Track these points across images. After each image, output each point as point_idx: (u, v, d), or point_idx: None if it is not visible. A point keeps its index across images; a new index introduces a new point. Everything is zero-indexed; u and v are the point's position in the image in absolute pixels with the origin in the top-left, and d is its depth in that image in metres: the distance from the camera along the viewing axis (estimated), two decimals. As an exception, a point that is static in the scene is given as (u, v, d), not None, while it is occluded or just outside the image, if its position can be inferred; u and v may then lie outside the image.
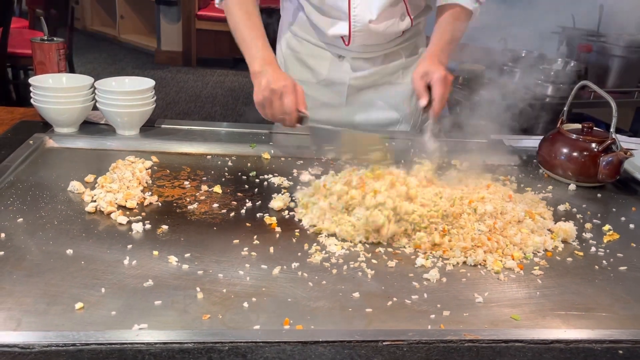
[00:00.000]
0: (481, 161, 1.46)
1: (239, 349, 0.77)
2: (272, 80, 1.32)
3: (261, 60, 1.38)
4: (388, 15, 1.52)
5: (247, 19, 1.44)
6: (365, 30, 1.52)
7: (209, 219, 1.13)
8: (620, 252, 1.13)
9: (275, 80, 1.32)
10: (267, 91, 1.32)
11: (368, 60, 1.63)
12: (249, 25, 1.44)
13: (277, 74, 1.35)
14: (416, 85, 1.42)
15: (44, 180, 1.23)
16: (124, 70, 6.15)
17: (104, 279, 0.91)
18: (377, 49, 1.61)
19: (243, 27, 1.44)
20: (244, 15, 1.44)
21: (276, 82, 1.32)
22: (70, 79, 1.52)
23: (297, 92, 1.33)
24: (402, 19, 1.56)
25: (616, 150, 1.38)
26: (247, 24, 1.44)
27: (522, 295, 0.97)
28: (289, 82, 1.33)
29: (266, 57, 1.39)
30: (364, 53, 1.61)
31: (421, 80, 1.41)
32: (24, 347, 0.75)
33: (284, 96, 1.32)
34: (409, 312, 0.90)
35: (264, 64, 1.37)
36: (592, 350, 0.84)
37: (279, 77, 1.34)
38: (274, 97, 1.32)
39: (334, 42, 1.60)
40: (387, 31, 1.55)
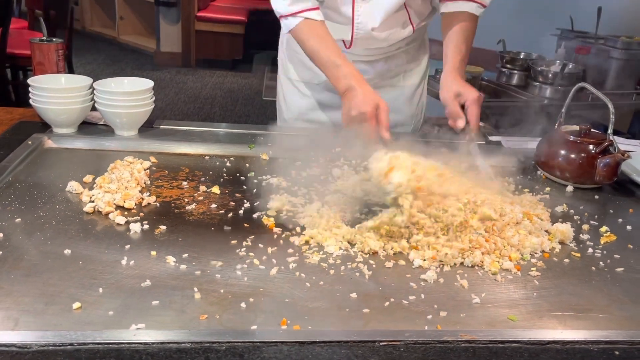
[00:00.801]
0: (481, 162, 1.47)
1: (236, 349, 0.78)
2: (354, 105, 1.34)
3: (345, 79, 1.39)
4: (391, 24, 1.54)
5: (321, 42, 1.45)
6: (367, 37, 1.53)
7: (207, 220, 1.13)
8: (617, 254, 1.13)
9: (356, 106, 1.33)
10: (349, 118, 1.35)
11: (369, 63, 1.63)
12: (324, 47, 1.44)
13: (363, 95, 1.35)
14: (452, 107, 1.45)
15: (43, 180, 1.23)
16: (123, 71, 6.15)
17: (101, 279, 0.91)
18: (378, 52, 1.62)
19: (320, 50, 1.44)
20: (317, 40, 1.45)
21: (357, 107, 1.33)
22: (69, 80, 1.52)
23: (379, 114, 1.33)
24: (404, 27, 1.57)
25: (614, 152, 1.38)
26: (322, 46, 1.44)
27: (519, 296, 0.98)
28: (369, 108, 1.32)
29: (348, 74, 1.39)
30: (365, 56, 1.62)
31: (455, 100, 1.44)
32: (22, 346, 0.75)
33: (364, 123, 1.32)
34: (406, 312, 0.90)
35: (349, 80, 1.38)
36: (588, 351, 0.84)
37: (361, 102, 1.33)
38: (355, 124, 1.34)
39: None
40: (389, 38, 1.56)
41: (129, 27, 7.28)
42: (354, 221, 1.15)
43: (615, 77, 2.83)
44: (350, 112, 1.34)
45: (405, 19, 1.56)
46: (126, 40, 7.17)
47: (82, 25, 7.47)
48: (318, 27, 1.46)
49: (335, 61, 1.41)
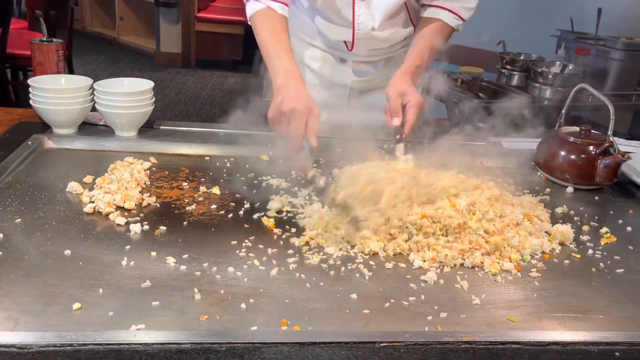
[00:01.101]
0: (479, 163, 1.47)
1: (236, 349, 0.78)
2: (285, 99, 1.24)
3: (284, 74, 1.31)
4: (391, 23, 1.54)
5: (274, 34, 1.38)
6: (369, 37, 1.54)
7: (207, 220, 1.13)
8: (617, 255, 1.13)
9: (287, 100, 1.24)
10: (277, 111, 1.25)
11: (370, 63, 1.64)
12: (274, 39, 1.38)
13: (295, 92, 1.26)
14: (392, 103, 1.40)
15: (43, 181, 1.23)
16: (123, 72, 6.15)
17: (101, 279, 0.91)
18: (379, 52, 1.62)
19: (270, 41, 1.38)
20: (271, 30, 1.39)
21: (287, 102, 1.23)
22: (69, 80, 1.52)
23: (310, 117, 1.23)
24: (405, 26, 1.58)
25: (614, 153, 1.38)
26: (273, 38, 1.38)
27: (519, 297, 0.98)
28: (301, 107, 1.22)
29: (289, 70, 1.32)
30: (366, 57, 1.62)
31: (398, 98, 1.40)
32: (22, 347, 0.75)
33: (292, 121, 1.22)
34: (406, 313, 0.90)
35: (287, 77, 1.30)
36: (588, 352, 0.84)
37: (293, 98, 1.24)
38: (282, 119, 1.23)
39: (337, 46, 1.62)
40: (390, 38, 1.57)
41: (129, 27, 7.28)
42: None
43: (615, 78, 2.83)
44: (280, 105, 1.23)
45: (405, 18, 1.56)
46: (126, 40, 7.17)
47: (82, 26, 7.47)
48: (276, 19, 1.40)
49: (280, 54, 1.34)
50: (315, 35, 1.64)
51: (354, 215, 1.10)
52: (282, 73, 1.31)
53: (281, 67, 1.33)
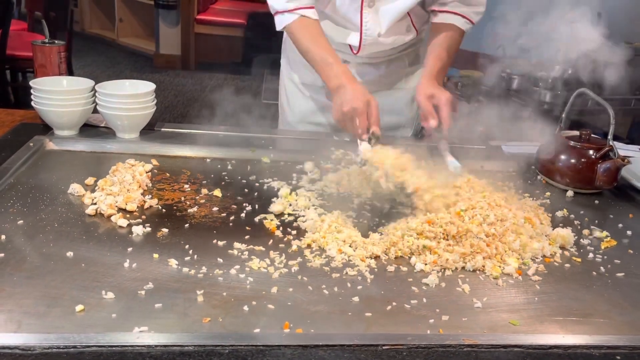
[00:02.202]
0: (479, 167, 1.47)
1: (239, 352, 0.78)
2: (345, 101, 1.35)
3: (336, 78, 1.41)
4: (395, 30, 1.57)
5: (315, 41, 1.47)
6: (375, 43, 1.56)
7: (209, 223, 1.14)
8: (618, 259, 1.14)
9: (348, 101, 1.35)
10: (340, 113, 1.36)
11: (373, 65, 1.65)
12: (317, 45, 1.46)
13: (353, 92, 1.36)
14: (424, 107, 1.45)
15: (44, 182, 1.23)
16: (123, 74, 6.14)
17: (104, 281, 0.91)
18: (382, 55, 1.64)
19: (313, 48, 1.46)
20: (311, 38, 1.47)
21: (348, 103, 1.34)
22: (71, 82, 1.52)
23: (370, 111, 1.34)
24: (408, 31, 1.60)
25: (614, 157, 1.39)
26: (315, 45, 1.46)
27: (520, 300, 0.98)
28: (361, 104, 1.34)
29: (340, 72, 1.41)
30: (369, 59, 1.63)
31: (428, 101, 1.45)
32: (25, 349, 0.75)
33: (355, 119, 1.34)
34: (408, 316, 0.90)
35: (340, 78, 1.40)
36: (590, 355, 0.84)
37: (352, 97, 1.35)
38: (347, 119, 1.35)
39: (341, 49, 1.62)
40: (394, 42, 1.60)
41: (129, 29, 7.28)
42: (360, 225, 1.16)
43: (615, 83, 2.84)
44: (342, 107, 1.35)
45: (408, 23, 1.58)
46: (125, 42, 7.16)
47: (81, 27, 7.46)
48: (312, 26, 1.48)
49: (327, 59, 1.43)
50: None
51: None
52: (334, 76, 1.42)
53: (331, 70, 1.43)
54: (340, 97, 1.37)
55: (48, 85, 1.46)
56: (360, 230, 1.14)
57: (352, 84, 1.39)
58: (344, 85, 1.38)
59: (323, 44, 1.47)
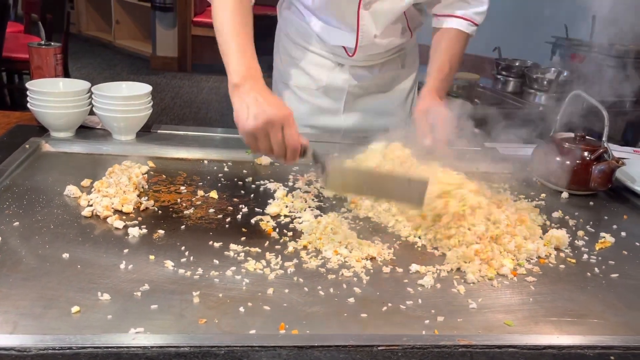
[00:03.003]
0: (475, 169, 1.48)
1: (235, 353, 0.78)
2: (269, 106, 1.10)
3: (244, 74, 1.17)
4: (391, 31, 1.56)
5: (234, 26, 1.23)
6: (370, 44, 1.55)
7: (205, 224, 1.14)
8: (612, 260, 1.15)
9: (270, 107, 1.10)
10: (262, 121, 1.09)
11: (366, 68, 1.66)
12: (235, 32, 1.22)
13: (271, 96, 1.14)
14: (419, 123, 1.38)
15: (40, 184, 1.23)
16: (119, 76, 6.14)
17: (100, 283, 0.91)
18: (376, 57, 1.64)
19: (228, 33, 1.22)
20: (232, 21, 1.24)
21: (272, 109, 1.10)
22: (67, 84, 1.52)
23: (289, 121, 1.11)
24: (403, 33, 1.60)
25: (608, 159, 1.39)
26: (233, 30, 1.23)
27: (515, 301, 0.98)
28: (288, 111, 1.12)
29: (252, 70, 1.18)
30: (363, 62, 1.64)
31: (424, 118, 1.38)
32: (21, 350, 0.75)
33: (286, 128, 1.10)
34: (404, 317, 0.91)
35: (245, 77, 1.16)
36: (584, 356, 0.85)
37: (275, 102, 1.12)
38: (273, 129, 1.09)
39: (335, 51, 1.63)
40: (389, 44, 1.59)
41: (125, 31, 7.29)
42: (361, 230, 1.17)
43: (609, 85, 2.85)
44: (264, 113, 1.09)
45: (403, 25, 1.58)
46: (122, 44, 7.17)
47: (78, 29, 7.46)
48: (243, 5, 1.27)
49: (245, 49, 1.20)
50: (312, 39, 1.65)
51: None
52: (241, 71, 1.17)
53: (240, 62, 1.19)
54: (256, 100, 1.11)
55: (44, 87, 1.46)
56: (356, 232, 1.14)
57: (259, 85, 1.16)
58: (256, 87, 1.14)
59: (244, 31, 1.22)
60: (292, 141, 1.11)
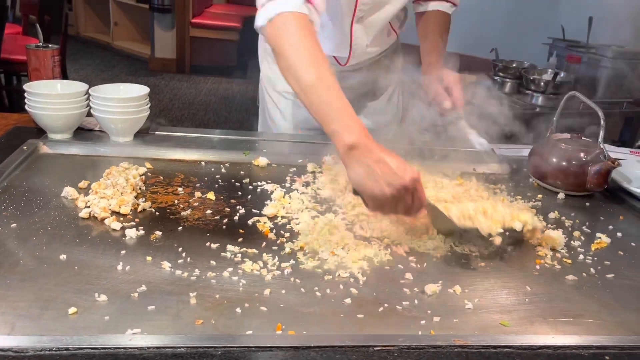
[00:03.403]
0: (472, 169, 1.49)
1: (231, 353, 0.78)
2: (398, 171, 1.01)
3: (356, 131, 1.04)
4: (379, 37, 1.61)
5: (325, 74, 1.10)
6: (362, 53, 1.61)
7: (203, 225, 1.14)
8: (608, 260, 1.15)
9: (401, 172, 1.01)
10: (396, 189, 1.01)
11: (354, 71, 1.68)
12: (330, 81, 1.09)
13: (394, 159, 1.02)
14: (435, 89, 1.47)
15: (38, 186, 1.24)
16: (118, 77, 6.15)
17: (97, 284, 0.92)
18: (364, 62, 1.67)
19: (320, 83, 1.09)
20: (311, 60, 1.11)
21: (404, 174, 1.01)
22: (65, 86, 1.53)
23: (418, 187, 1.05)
24: (389, 35, 1.65)
25: (604, 159, 1.40)
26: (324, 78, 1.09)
27: (511, 301, 0.99)
28: (417, 174, 1.03)
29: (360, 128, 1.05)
30: (352, 66, 1.65)
31: (437, 84, 1.47)
32: (18, 351, 0.75)
33: (416, 192, 1.04)
34: (400, 317, 0.91)
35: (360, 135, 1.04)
36: (579, 355, 0.85)
37: (402, 167, 1.01)
38: (407, 194, 1.03)
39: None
40: (379, 50, 1.65)
41: (124, 32, 7.29)
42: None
43: (606, 86, 2.87)
44: (398, 180, 1.00)
45: (388, 29, 1.62)
46: (120, 46, 7.17)
47: (76, 31, 7.47)
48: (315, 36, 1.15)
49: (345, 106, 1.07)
50: None
51: None
52: (352, 129, 1.04)
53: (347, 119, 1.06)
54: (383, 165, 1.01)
55: (42, 89, 1.47)
56: (352, 233, 1.15)
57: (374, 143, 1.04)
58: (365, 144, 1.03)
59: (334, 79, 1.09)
60: (420, 204, 1.07)
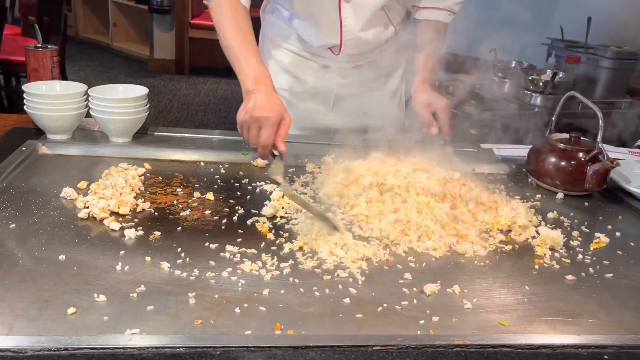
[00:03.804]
0: (470, 170, 1.48)
1: (230, 353, 0.78)
2: (258, 106, 1.23)
3: (254, 79, 1.30)
4: (374, 25, 1.58)
5: (241, 35, 1.37)
6: (355, 39, 1.56)
7: (201, 226, 1.14)
8: (607, 260, 1.15)
9: (260, 108, 1.23)
10: (248, 116, 1.23)
11: (353, 68, 1.67)
12: (243, 41, 1.36)
13: (268, 99, 1.25)
14: (423, 115, 1.52)
15: (37, 186, 1.24)
16: (117, 78, 6.15)
17: (96, 284, 0.92)
18: (362, 57, 1.65)
19: (237, 43, 1.36)
20: (238, 32, 1.38)
21: (261, 109, 1.23)
22: (64, 86, 1.53)
23: (281, 126, 1.24)
24: (386, 28, 1.62)
25: (603, 159, 1.40)
26: (240, 40, 1.36)
27: (510, 301, 0.99)
28: (274, 115, 1.23)
29: (260, 74, 1.31)
30: (349, 62, 1.65)
31: (426, 109, 1.52)
32: (17, 351, 0.75)
33: (263, 128, 1.22)
34: (399, 317, 0.91)
35: (258, 82, 1.29)
36: (578, 355, 0.85)
37: (266, 105, 1.24)
38: (253, 124, 1.23)
39: (321, 53, 1.64)
40: (375, 40, 1.60)
41: (123, 33, 7.29)
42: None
43: (604, 86, 2.87)
44: (252, 111, 1.23)
45: (385, 20, 1.60)
46: (120, 47, 7.17)
47: (75, 32, 7.46)
48: (242, 14, 1.40)
49: (248, 57, 1.33)
50: (297, 42, 1.66)
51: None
52: (252, 77, 1.30)
53: (251, 70, 1.31)
54: (255, 99, 1.24)
55: (41, 89, 1.47)
56: (351, 233, 1.15)
57: (270, 90, 1.29)
58: (260, 89, 1.27)
59: (249, 39, 1.36)
60: (263, 141, 1.23)
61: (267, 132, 1.22)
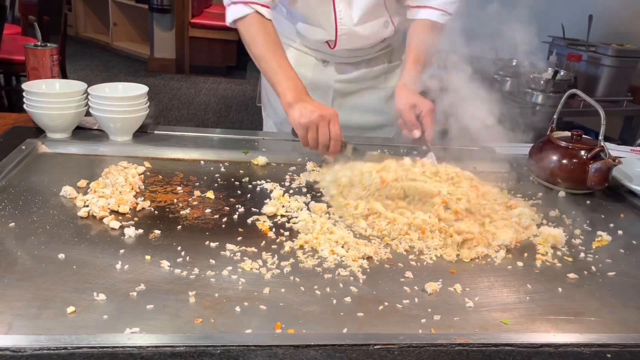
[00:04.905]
0: (472, 168, 1.48)
1: (230, 352, 0.78)
2: (316, 107, 1.34)
3: (296, 91, 1.38)
4: (370, 19, 1.56)
5: (274, 46, 1.44)
6: (351, 34, 1.56)
7: (202, 224, 1.14)
8: (609, 258, 1.15)
9: (320, 108, 1.35)
10: (315, 115, 1.33)
11: (352, 64, 1.67)
12: (276, 53, 1.43)
13: (317, 103, 1.37)
14: (407, 118, 1.48)
15: (36, 185, 1.23)
16: (117, 77, 6.14)
17: (96, 283, 0.91)
18: (360, 53, 1.65)
19: (271, 55, 1.43)
20: (269, 41, 1.44)
21: (322, 109, 1.34)
22: (63, 85, 1.52)
23: (333, 123, 1.35)
24: (386, 26, 1.61)
25: (605, 157, 1.40)
26: (274, 51, 1.44)
27: (512, 300, 0.98)
28: (334, 111, 1.36)
29: (299, 88, 1.40)
30: (348, 58, 1.64)
31: (410, 111, 1.47)
32: (16, 350, 0.75)
33: (332, 123, 1.34)
34: (400, 316, 0.91)
35: (299, 94, 1.38)
36: (580, 353, 0.85)
37: (321, 106, 1.36)
38: (322, 122, 1.33)
39: (319, 47, 1.63)
40: (372, 36, 1.59)
41: (123, 33, 7.28)
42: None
43: (606, 84, 2.86)
44: (314, 112, 1.33)
45: (386, 18, 1.59)
46: (120, 46, 7.17)
47: (75, 31, 7.46)
48: (269, 27, 1.46)
49: (288, 71, 1.41)
50: (296, 37, 1.66)
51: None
52: (292, 89, 1.39)
53: (289, 82, 1.40)
54: (305, 105, 1.35)
55: (40, 88, 1.46)
56: (352, 231, 1.14)
57: (310, 98, 1.38)
58: (304, 99, 1.37)
59: (281, 53, 1.44)
60: (335, 134, 1.35)
61: (336, 126, 1.35)
